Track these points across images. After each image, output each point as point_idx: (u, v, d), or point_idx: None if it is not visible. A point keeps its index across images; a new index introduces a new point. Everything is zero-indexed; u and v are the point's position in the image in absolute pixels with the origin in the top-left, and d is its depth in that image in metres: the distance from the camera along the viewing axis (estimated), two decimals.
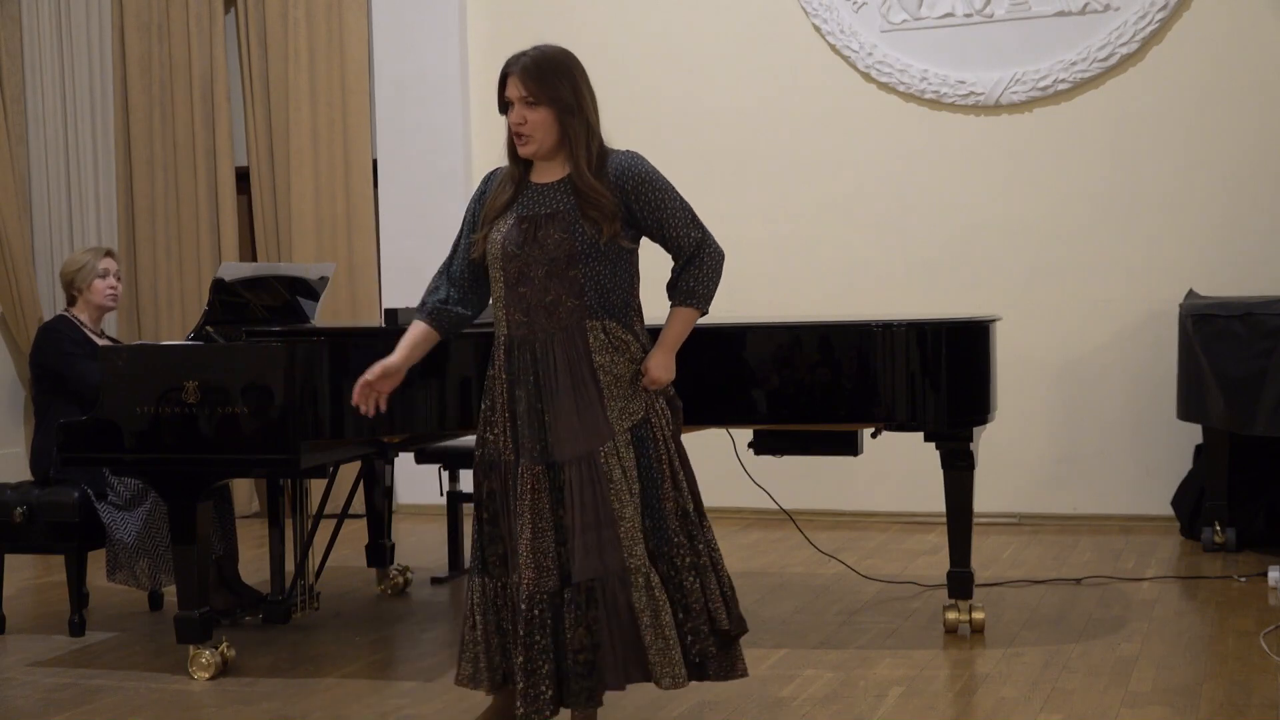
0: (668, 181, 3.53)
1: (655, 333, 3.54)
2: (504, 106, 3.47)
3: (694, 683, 3.50)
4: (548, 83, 3.41)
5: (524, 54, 3.45)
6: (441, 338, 3.65)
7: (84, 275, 5.20)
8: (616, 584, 3.39)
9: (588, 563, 3.38)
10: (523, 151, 3.46)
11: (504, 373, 3.48)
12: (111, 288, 5.25)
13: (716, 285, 3.55)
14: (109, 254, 5.29)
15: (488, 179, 3.61)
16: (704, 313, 3.56)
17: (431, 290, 3.64)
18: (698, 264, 3.52)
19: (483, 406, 3.55)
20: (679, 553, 3.47)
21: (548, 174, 3.49)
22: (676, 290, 3.53)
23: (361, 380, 3.61)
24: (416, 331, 3.63)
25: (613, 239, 3.42)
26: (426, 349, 3.66)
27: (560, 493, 3.40)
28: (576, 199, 3.42)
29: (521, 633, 3.38)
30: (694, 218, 3.55)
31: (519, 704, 3.40)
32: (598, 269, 3.43)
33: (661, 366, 3.49)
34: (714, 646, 3.48)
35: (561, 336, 3.42)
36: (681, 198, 3.55)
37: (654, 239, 3.53)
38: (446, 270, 3.63)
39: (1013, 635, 4.65)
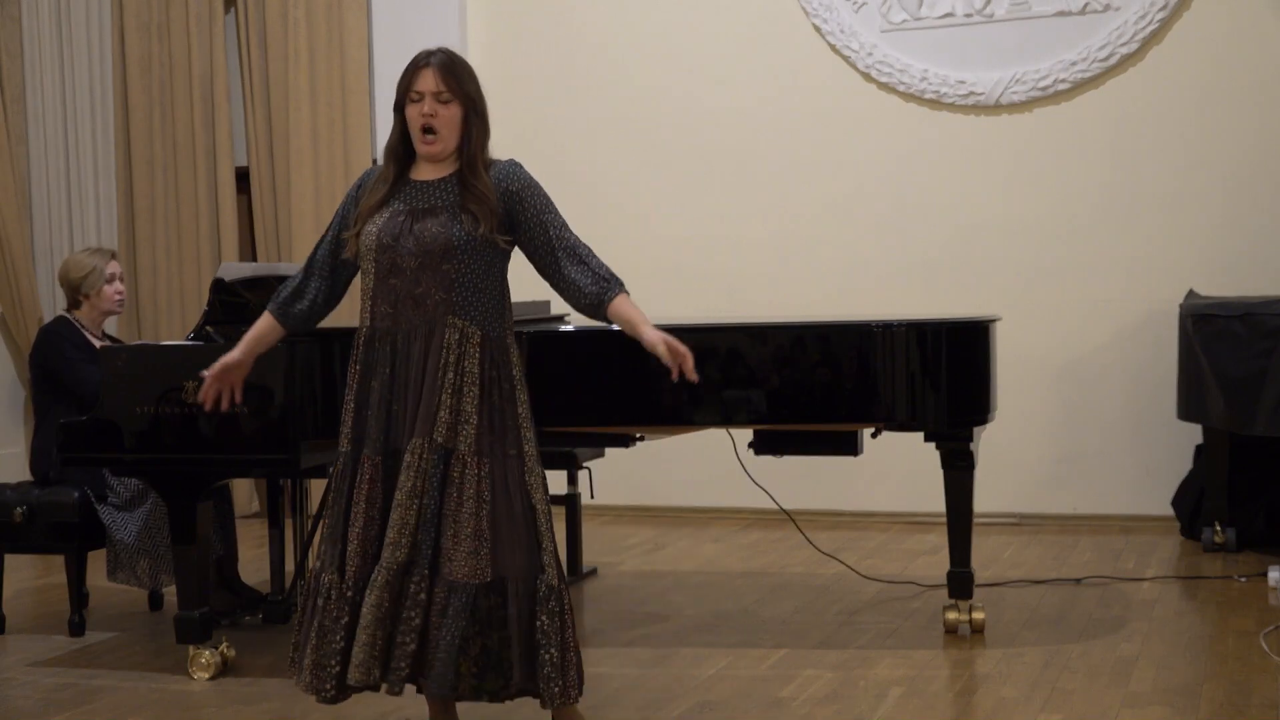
0: (544, 190, 3.56)
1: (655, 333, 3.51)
2: (402, 102, 3.49)
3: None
4: (462, 81, 3.46)
5: (435, 51, 3.49)
6: (286, 333, 3.72)
7: (92, 280, 5.16)
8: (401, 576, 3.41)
9: (392, 549, 3.39)
10: (428, 150, 3.47)
11: (359, 364, 3.49)
12: (119, 292, 5.23)
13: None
14: (113, 256, 5.26)
15: (363, 178, 3.64)
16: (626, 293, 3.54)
17: (289, 284, 3.69)
18: (589, 257, 3.51)
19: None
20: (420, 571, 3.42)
21: (431, 171, 3.51)
22: (599, 285, 3.49)
23: (207, 375, 3.68)
24: (263, 324, 3.70)
25: (490, 234, 3.43)
26: (271, 343, 3.75)
27: (393, 482, 3.42)
28: (462, 193, 3.44)
29: (345, 620, 3.40)
30: (571, 233, 3.55)
31: (329, 685, 3.42)
32: (471, 265, 3.44)
33: (660, 338, 3.45)
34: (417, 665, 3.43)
35: (424, 330, 3.44)
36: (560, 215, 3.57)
37: (531, 241, 3.51)
38: (309, 261, 3.69)
39: (1013, 635, 4.65)
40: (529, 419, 3.52)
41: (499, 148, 3.59)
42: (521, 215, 3.49)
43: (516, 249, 3.57)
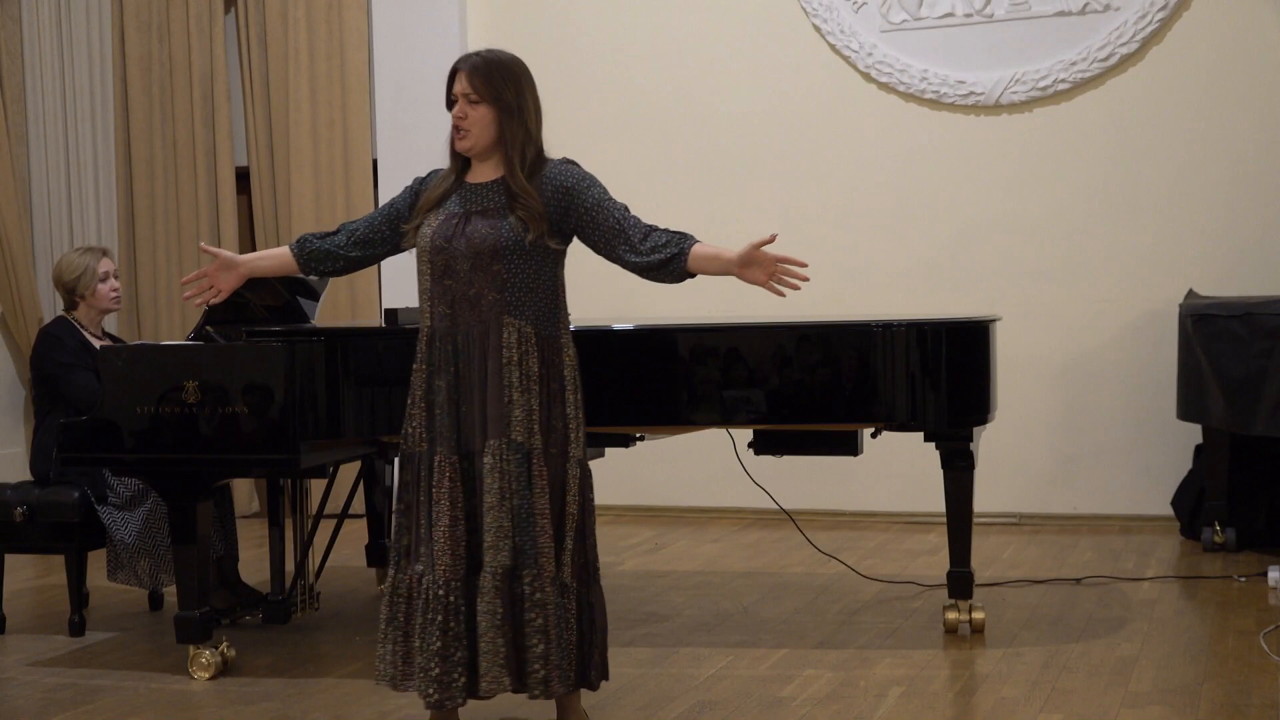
0: (598, 180, 3.63)
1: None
2: (450, 102, 3.57)
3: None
4: (492, 83, 3.53)
5: (476, 54, 3.59)
6: (298, 268, 3.80)
7: (86, 281, 5.16)
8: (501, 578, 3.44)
9: (494, 553, 3.44)
10: (459, 145, 3.56)
11: (424, 364, 3.54)
12: (115, 290, 5.23)
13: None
14: (105, 253, 5.26)
15: (427, 176, 3.71)
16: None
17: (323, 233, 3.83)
18: (653, 230, 3.57)
19: (408, 402, 3.60)
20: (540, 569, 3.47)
21: (483, 174, 3.59)
22: (671, 240, 3.54)
23: (203, 273, 3.85)
24: (279, 250, 3.86)
25: (539, 239, 3.49)
26: (274, 269, 3.90)
27: (474, 482, 3.47)
28: (507, 198, 3.51)
29: (439, 619, 3.43)
30: (630, 213, 3.62)
31: (432, 690, 3.44)
32: (521, 266, 3.49)
33: (750, 257, 3.52)
34: (564, 666, 3.48)
35: (481, 330, 3.49)
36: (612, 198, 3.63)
37: (595, 231, 3.56)
38: (343, 224, 3.81)
39: (1013, 635, 4.65)
40: (579, 419, 3.56)
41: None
42: (577, 209, 3.54)
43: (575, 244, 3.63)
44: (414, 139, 7.39)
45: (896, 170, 6.84)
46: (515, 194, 3.50)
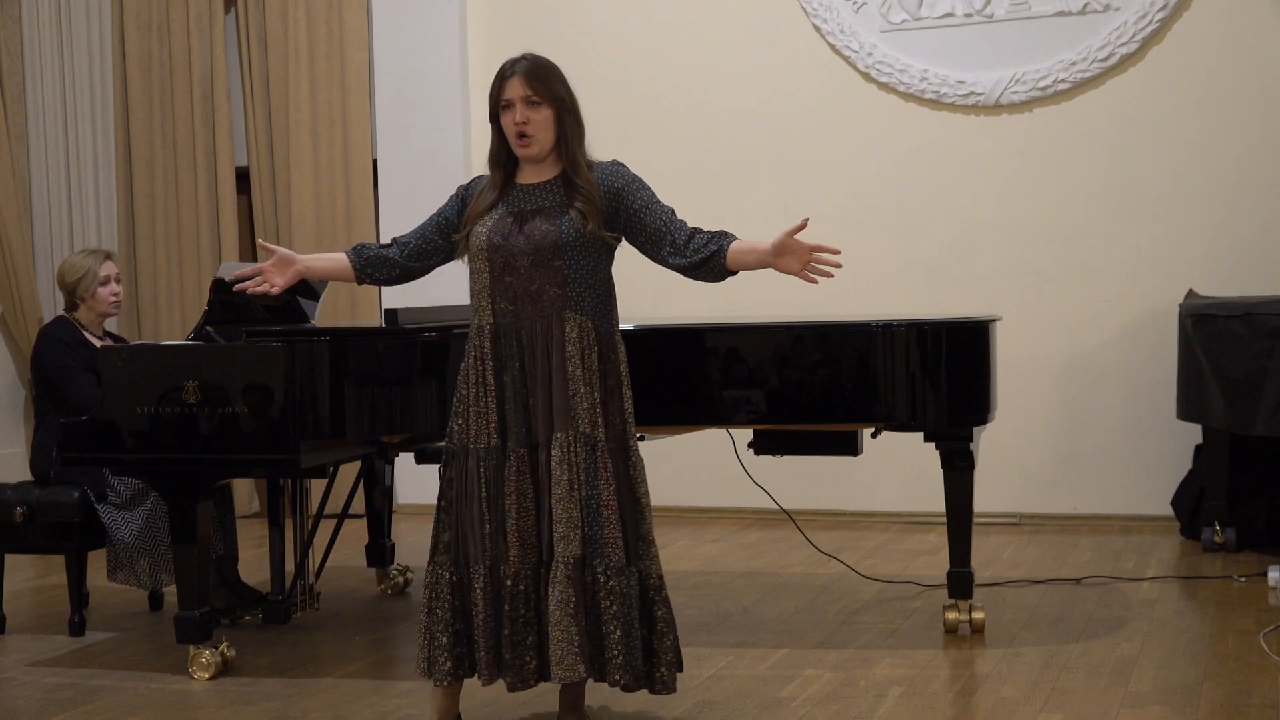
0: (647, 184, 3.66)
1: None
2: (496, 112, 3.57)
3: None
4: (548, 84, 3.55)
5: (521, 58, 3.58)
6: (355, 276, 3.80)
7: (86, 283, 5.16)
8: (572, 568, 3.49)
9: (564, 543, 3.48)
10: (525, 152, 3.55)
11: (490, 359, 3.56)
12: (115, 294, 5.22)
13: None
14: (108, 257, 5.26)
15: (470, 184, 3.73)
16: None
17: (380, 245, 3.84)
18: (697, 232, 3.60)
19: (454, 399, 3.63)
20: (608, 561, 3.52)
21: (535, 175, 3.60)
22: (713, 239, 3.58)
23: (261, 267, 3.84)
24: (335, 255, 3.86)
25: (596, 230, 3.51)
26: (329, 273, 3.90)
27: (540, 474, 3.52)
28: (566, 192, 3.54)
29: (507, 608, 3.50)
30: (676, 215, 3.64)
31: (506, 678, 3.52)
32: (580, 261, 3.53)
33: (784, 245, 3.55)
34: (637, 660, 3.54)
35: (544, 325, 3.52)
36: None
37: (643, 231, 3.59)
38: (398, 237, 3.80)
39: (1013, 635, 4.65)
40: (632, 413, 3.63)
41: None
42: (626, 210, 3.57)
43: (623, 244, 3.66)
44: (414, 139, 7.40)
45: (896, 170, 6.84)
46: (577, 186, 3.52)
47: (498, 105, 3.56)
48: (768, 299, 6.82)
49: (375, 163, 7.44)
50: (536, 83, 3.52)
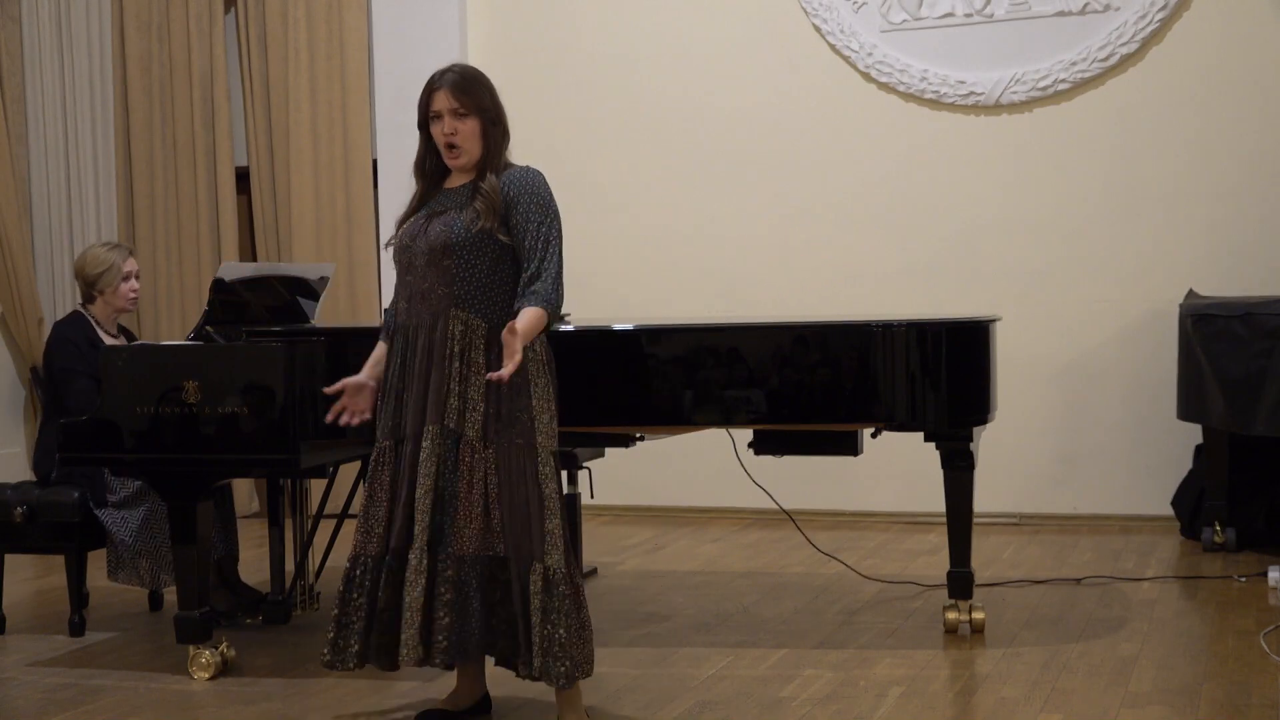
0: (554, 208, 3.64)
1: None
2: (424, 122, 3.67)
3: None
4: (475, 94, 3.63)
5: (449, 69, 3.67)
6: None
7: (109, 278, 5.13)
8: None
9: (422, 533, 3.60)
10: (455, 163, 3.66)
11: (394, 357, 3.69)
12: (134, 290, 5.22)
13: (561, 301, 3.61)
14: (131, 253, 5.25)
15: None
16: (551, 319, 3.59)
17: (391, 304, 3.85)
18: (542, 279, 3.56)
19: None
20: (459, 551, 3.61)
21: (457, 180, 3.71)
22: (525, 295, 3.57)
23: (340, 403, 3.81)
24: (378, 351, 3.83)
25: (486, 231, 3.57)
26: (384, 355, 3.85)
27: (407, 466, 3.61)
28: (472, 194, 3.61)
29: (378, 592, 3.65)
30: (553, 250, 3.59)
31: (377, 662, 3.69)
32: (472, 260, 3.59)
33: (510, 331, 3.47)
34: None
35: (429, 322, 3.61)
36: (556, 231, 3.61)
37: (519, 245, 3.62)
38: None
39: (1013, 635, 4.65)
40: (548, 410, 3.62)
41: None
42: (512, 219, 3.61)
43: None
44: (414, 139, 7.33)
45: (896, 170, 6.84)
46: (479, 188, 3.60)
47: (426, 115, 3.66)
48: (768, 299, 6.84)
49: (375, 163, 7.44)
50: (463, 95, 3.61)
